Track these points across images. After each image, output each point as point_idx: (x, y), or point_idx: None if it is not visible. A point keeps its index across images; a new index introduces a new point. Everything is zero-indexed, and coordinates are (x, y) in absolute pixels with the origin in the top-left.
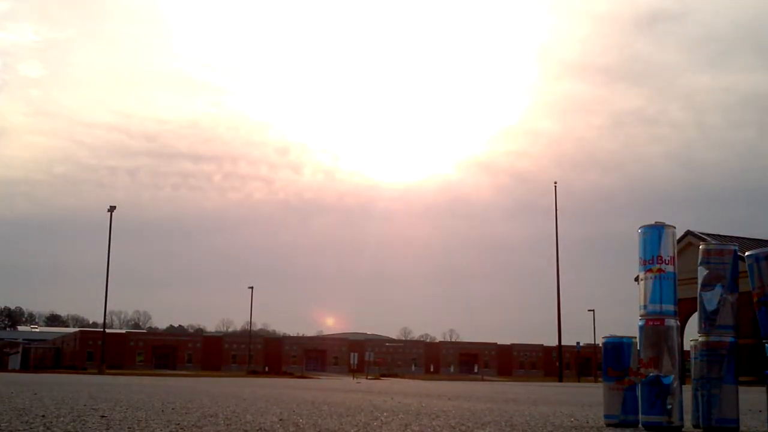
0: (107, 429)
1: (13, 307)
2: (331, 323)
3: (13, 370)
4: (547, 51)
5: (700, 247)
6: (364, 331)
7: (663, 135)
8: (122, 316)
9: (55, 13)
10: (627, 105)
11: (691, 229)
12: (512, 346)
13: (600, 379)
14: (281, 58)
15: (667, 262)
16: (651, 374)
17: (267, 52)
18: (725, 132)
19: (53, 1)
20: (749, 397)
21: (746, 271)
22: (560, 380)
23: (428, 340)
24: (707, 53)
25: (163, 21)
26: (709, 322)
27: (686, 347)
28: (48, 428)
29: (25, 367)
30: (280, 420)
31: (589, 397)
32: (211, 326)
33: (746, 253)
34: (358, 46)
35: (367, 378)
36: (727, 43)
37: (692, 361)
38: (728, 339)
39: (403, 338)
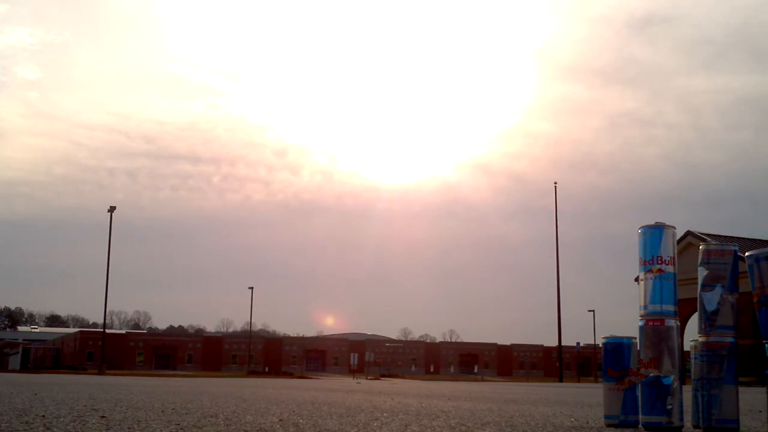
0: (107, 429)
1: (13, 308)
2: (331, 323)
3: (13, 371)
4: (544, 53)
5: (700, 247)
6: (364, 332)
7: (659, 136)
8: (122, 317)
9: (51, 15)
10: (623, 107)
11: (690, 230)
12: (512, 346)
13: (600, 379)
14: (279, 60)
15: (667, 262)
16: (651, 375)
17: (265, 54)
18: (721, 133)
19: (49, 4)
20: (749, 397)
21: (746, 272)
22: (560, 380)
23: (428, 341)
24: (702, 55)
25: (161, 23)
26: (709, 322)
27: (686, 347)
28: (48, 428)
29: (25, 368)
30: (280, 420)
31: (589, 398)
32: (211, 326)
33: (746, 254)
34: (356, 47)
35: (367, 378)
36: (721, 45)
37: (692, 361)
38: (728, 339)
39: (403, 338)
